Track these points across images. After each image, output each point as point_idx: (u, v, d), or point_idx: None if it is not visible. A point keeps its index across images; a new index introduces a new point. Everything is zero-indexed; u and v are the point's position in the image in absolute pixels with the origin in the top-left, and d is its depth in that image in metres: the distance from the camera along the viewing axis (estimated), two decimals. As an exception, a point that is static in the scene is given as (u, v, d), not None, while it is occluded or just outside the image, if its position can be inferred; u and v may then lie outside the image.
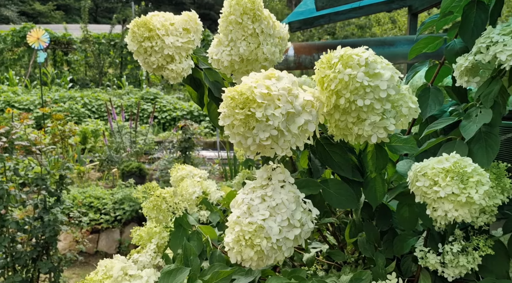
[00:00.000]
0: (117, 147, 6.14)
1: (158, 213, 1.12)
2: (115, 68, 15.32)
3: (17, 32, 14.18)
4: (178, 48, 1.10)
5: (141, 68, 14.42)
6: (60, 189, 2.68)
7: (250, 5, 0.89)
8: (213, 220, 1.34)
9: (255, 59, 0.96)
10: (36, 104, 9.04)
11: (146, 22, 1.06)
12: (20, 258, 2.42)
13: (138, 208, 3.97)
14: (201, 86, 1.22)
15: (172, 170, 1.53)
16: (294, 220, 0.63)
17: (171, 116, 9.41)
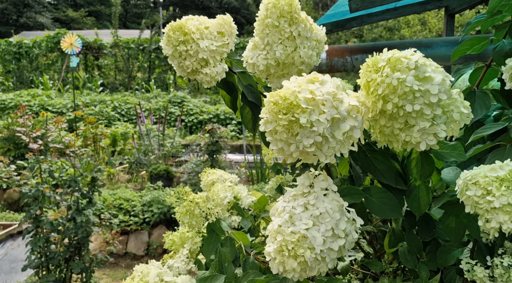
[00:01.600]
0: (146, 149, 6.25)
1: (191, 218, 1.11)
2: (143, 72, 15.66)
3: (51, 38, 14.73)
4: (213, 51, 1.09)
5: (169, 72, 14.70)
6: (92, 191, 2.73)
7: (287, 7, 0.87)
8: (244, 226, 1.32)
9: (291, 62, 0.94)
10: (68, 108, 9.33)
11: (181, 26, 1.06)
12: (54, 258, 2.48)
13: (166, 211, 4.01)
14: (234, 90, 1.21)
15: (202, 174, 1.52)
16: (338, 230, 0.61)
17: (198, 119, 9.51)
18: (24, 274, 3.38)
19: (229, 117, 9.61)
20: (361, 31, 19.49)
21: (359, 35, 19.51)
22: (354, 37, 18.80)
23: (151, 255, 3.90)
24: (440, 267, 0.89)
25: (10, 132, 5.79)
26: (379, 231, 1.13)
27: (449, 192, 0.83)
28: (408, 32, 17.88)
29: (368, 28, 19.18)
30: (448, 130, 0.64)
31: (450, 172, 0.85)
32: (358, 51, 1.83)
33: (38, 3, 33.65)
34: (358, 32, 19.44)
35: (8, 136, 5.77)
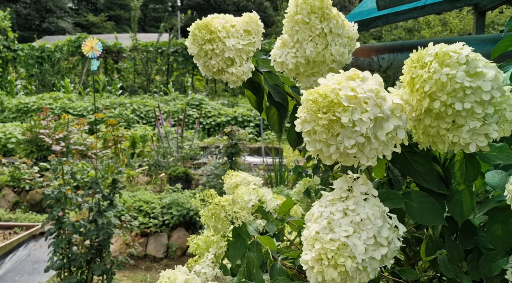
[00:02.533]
0: (164, 152, 6.28)
1: (216, 221, 1.09)
2: (161, 75, 15.82)
3: (72, 42, 15.02)
4: (239, 50, 1.06)
5: (187, 75, 14.81)
6: (113, 193, 2.74)
7: (319, 3, 0.83)
8: (269, 230, 1.29)
9: (322, 61, 0.90)
10: (88, 110, 9.48)
11: (207, 24, 1.03)
12: (75, 260, 2.49)
13: (186, 213, 4.01)
14: (260, 90, 1.18)
15: (225, 176, 1.49)
16: (381, 238, 0.57)
17: (216, 122, 9.52)
18: (46, 275, 3.42)
19: (247, 120, 9.59)
20: (380, 33, 19.25)
21: (377, 36, 19.26)
22: (373, 38, 18.58)
23: (170, 257, 3.90)
24: (482, 278, 0.83)
25: (33, 135, 5.90)
26: (412, 237, 1.08)
27: (494, 197, 0.78)
28: (428, 33, 17.58)
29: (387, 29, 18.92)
30: (499, 130, 0.59)
31: (494, 175, 0.80)
32: (385, 51, 1.78)
33: (59, 8, 34.45)
34: (377, 34, 19.20)
35: (31, 138, 5.89)
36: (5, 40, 14.65)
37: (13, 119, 9.27)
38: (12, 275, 3.44)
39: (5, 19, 14.58)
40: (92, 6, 40.82)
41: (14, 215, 4.69)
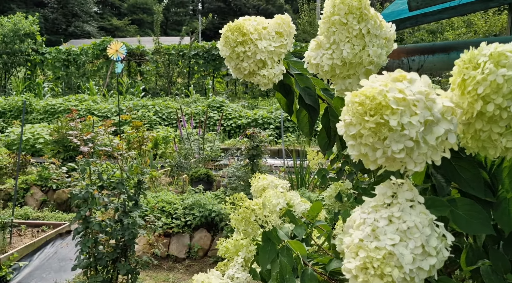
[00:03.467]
0: (186, 153, 6.33)
1: (247, 225, 1.07)
2: (183, 77, 16.00)
3: (97, 46, 15.37)
4: (271, 52, 1.05)
5: (207, 77, 14.91)
6: (138, 193, 2.77)
7: (357, 3, 0.81)
8: (298, 234, 1.27)
9: (359, 62, 0.88)
10: (112, 112, 9.66)
11: (239, 26, 1.03)
12: (101, 259, 2.52)
13: (207, 214, 4.02)
14: (290, 92, 1.17)
15: (252, 179, 1.48)
16: (429, 247, 0.54)
17: (236, 124, 9.55)
18: (72, 273, 3.49)
19: (267, 122, 9.58)
20: (402, 35, 18.94)
21: (399, 39, 18.94)
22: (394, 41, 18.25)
23: (192, 258, 3.91)
24: (529, 290, 0.79)
25: (60, 135, 6.05)
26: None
27: (544, 205, 0.73)
28: (451, 35, 17.18)
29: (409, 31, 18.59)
30: (557, 135, 0.55)
31: (544, 183, 0.76)
32: (415, 52, 1.73)
33: (85, 13, 35.35)
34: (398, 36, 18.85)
35: (58, 139, 6.03)
36: (33, 44, 15.11)
37: (41, 120, 9.54)
38: (40, 272, 3.52)
39: (33, 23, 15.04)
40: (116, 11, 41.71)
41: (41, 214, 4.81)
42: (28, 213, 4.73)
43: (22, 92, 13.14)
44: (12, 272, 3.38)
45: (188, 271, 3.69)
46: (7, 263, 3.38)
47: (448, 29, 17.50)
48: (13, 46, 14.28)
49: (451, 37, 17.24)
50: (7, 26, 14.27)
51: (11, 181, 5.51)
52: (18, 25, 14.40)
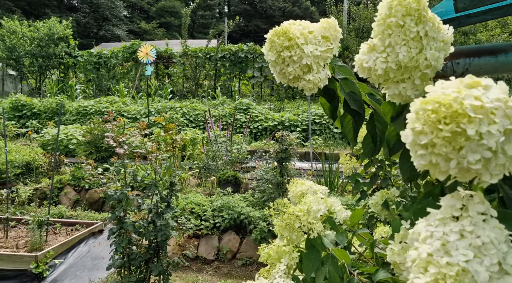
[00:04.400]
0: (214, 155, 6.37)
1: (291, 232, 1.06)
2: (209, 79, 16.15)
3: (127, 49, 15.73)
4: (317, 57, 1.03)
5: (234, 80, 14.98)
6: (170, 195, 2.79)
7: (415, 5, 0.78)
8: (340, 242, 1.24)
9: (415, 66, 0.85)
10: (141, 114, 9.84)
11: (286, 30, 1.01)
12: (135, 259, 2.56)
13: (236, 217, 4.02)
14: (335, 97, 1.14)
15: (290, 185, 1.46)
16: (506, 265, 0.51)
17: (263, 126, 9.54)
18: (105, 272, 3.57)
19: (293, 125, 9.53)
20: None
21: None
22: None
23: (221, 260, 3.92)
24: None
25: (92, 136, 6.21)
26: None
27: None
28: (485, 36, 16.62)
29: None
30: None
31: None
32: (460, 55, 1.67)
33: (115, 17, 36.30)
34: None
35: (91, 140, 6.19)
36: (67, 47, 15.63)
37: (73, 121, 9.83)
38: (74, 270, 3.62)
39: (67, 27, 15.55)
40: (145, 14, 42.61)
41: (75, 213, 4.94)
42: (62, 212, 4.87)
43: (56, 94, 13.59)
44: (48, 269, 3.49)
45: (216, 273, 3.70)
46: (44, 260, 3.48)
47: (481, 29, 16.94)
48: (48, 49, 14.80)
49: (484, 38, 16.69)
50: (43, 31, 14.82)
51: (46, 180, 5.69)
52: (52, 29, 14.93)
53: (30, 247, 3.70)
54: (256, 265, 3.86)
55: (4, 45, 14.58)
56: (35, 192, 5.40)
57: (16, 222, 4.41)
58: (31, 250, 3.67)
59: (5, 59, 14.90)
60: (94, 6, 35.17)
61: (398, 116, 1.03)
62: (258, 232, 3.86)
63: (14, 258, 3.44)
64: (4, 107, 7.23)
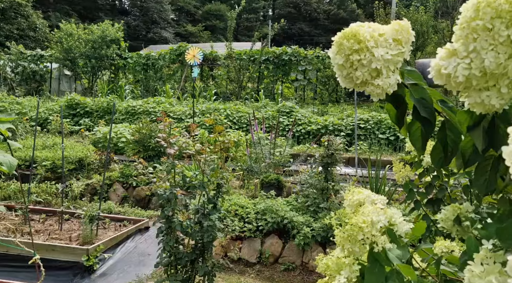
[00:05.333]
0: (256, 157, 6.38)
1: (353, 244, 1.02)
2: (252, 82, 16.26)
3: (174, 51, 16.19)
4: (387, 61, 0.99)
5: (278, 82, 14.97)
6: (217, 196, 2.81)
7: (508, 6, 0.72)
8: (401, 257, 1.18)
9: (502, 73, 0.78)
10: (186, 114, 10.07)
11: (355, 33, 0.98)
12: (181, 259, 2.60)
13: (279, 221, 3.99)
14: (403, 103, 1.09)
15: (346, 193, 1.41)
16: None
17: (306, 130, 9.46)
18: (150, 268, 3.66)
19: (337, 129, 9.37)
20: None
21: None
22: None
23: (263, 263, 3.91)
24: None
25: (140, 136, 6.42)
26: None
27: None
28: None
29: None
30: None
31: None
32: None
33: (163, 20, 37.52)
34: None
35: (139, 139, 6.41)
36: (117, 49, 16.32)
37: (122, 120, 10.23)
38: (122, 264, 3.74)
39: (119, 30, 16.25)
40: (191, 17, 43.67)
41: (122, 209, 5.13)
42: (111, 207, 5.07)
43: (107, 94, 14.22)
44: (98, 262, 3.63)
45: (259, 277, 3.69)
46: (94, 253, 3.63)
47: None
48: (100, 51, 15.54)
49: None
50: (96, 33, 15.58)
51: (97, 177, 5.95)
52: (105, 32, 15.65)
53: (82, 240, 3.87)
54: (299, 271, 3.81)
55: (62, 47, 15.47)
56: (86, 187, 5.66)
57: (70, 215, 4.63)
58: (82, 243, 3.84)
59: (62, 60, 15.80)
60: (144, 10, 36.55)
61: (476, 126, 0.96)
62: (302, 238, 3.81)
63: (68, 250, 3.62)
64: (61, 105, 7.64)
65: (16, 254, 3.50)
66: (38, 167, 5.89)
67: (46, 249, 3.59)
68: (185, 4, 42.78)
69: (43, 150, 6.65)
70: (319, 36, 38.23)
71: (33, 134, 8.46)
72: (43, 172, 5.88)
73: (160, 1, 36.72)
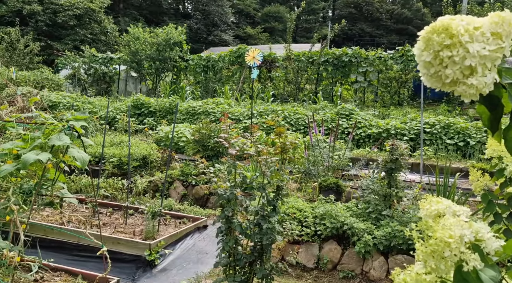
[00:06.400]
0: (314, 160, 6.26)
1: (438, 261, 0.92)
2: (310, 84, 16.07)
3: (233, 53, 16.47)
4: (483, 57, 0.88)
5: (337, 84, 14.65)
6: (277, 199, 2.77)
7: None
8: (495, 279, 1.05)
9: None
10: (244, 115, 10.17)
11: (447, 26, 0.88)
12: (240, 260, 2.59)
13: (339, 227, 3.86)
14: (498, 106, 0.97)
15: (422, 202, 1.29)
16: None
17: (366, 133, 9.14)
18: (208, 267, 3.71)
19: (400, 133, 8.94)
20: None
21: None
22: None
23: (320, 269, 3.80)
24: None
25: (200, 135, 6.57)
26: None
27: None
28: None
29: None
30: None
31: None
32: None
33: (224, 22, 38.40)
34: None
35: (199, 139, 6.56)
36: (180, 52, 16.96)
37: (183, 120, 10.57)
38: (181, 261, 3.84)
39: (182, 33, 16.88)
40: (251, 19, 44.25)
41: (182, 206, 5.27)
42: (171, 204, 5.23)
43: (169, 95, 14.79)
44: (159, 257, 3.75)
45: (316, 283, 3.60)
46: (156, 249, 3.75)
47: None
48: (164, 53, 16.23)
49: None
50: (161, 36, 16.30)
51: (159, 174, 6.18)
52: (169, 35, 16.33)
53: (145, 235, 4.02)
54: (358, 280, 3.66)
55: (129, 49, 16.37)
56: (149, 184, 5.89)
57: (134, 210, 4.85)
58: (145, 238, 3.99)
59: (129, 62, 16.73)
60: (206, 13, 37.66)
61: None
62: (362, 245, 3.66)
63: (131, 244, 3.77)
64: (129, 105, 8.05)
65: (85, 245, 3.71)
66: (106, 163, 6.24)
67: (112, 241, 3.77)
68: (245, 7, 43.43)
69: (110, 147, 7.04)
70: (381, 37, 36.93)
71: (102, 131, 9.02)
72: (110, 168, 6.22)
73: (221, 5, 37.61)
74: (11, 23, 22.10)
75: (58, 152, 2.67)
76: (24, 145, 2.59)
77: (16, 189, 2.75)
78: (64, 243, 3.85)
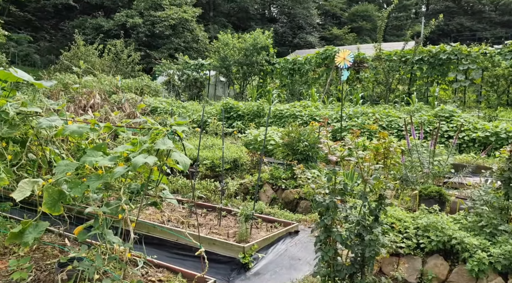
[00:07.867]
0: (412, 166, 5.82)
1: None
2: (402, 84, 15.14)
3: (320, 55, 16.23)
4: None
5: (434, 84, 13.59)
6: (379, 208, 2.58)
7: None
8: None
9: None
10: (333, 118, 9.90)
11: None
12: (340, 271, 2.45)
13: (446, 241, 3.50)
14: None
15: None
16: None
17: (470, 137, 8.29)
18: (301, 273, 3.62)
19: (511, 136, 7.94)
20: None
21: None
22: None
23: (424, 287, 3.48)
24: None
25: (289, 139, 6.51)
26: None
27: None
28: None
29: None
30: None
31: None
32: None
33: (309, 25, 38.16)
34: None
35: (288, 143, 6.51)
36: (266, 55, 17.21)
37: (271, 123, 10.65)
38: (273, 266, 3.80)
39: (268, 37, 17.12)
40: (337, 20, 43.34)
41: (272, 210, 5.26)
42: (262, 208, 5.24)
43: (256, 98, 15.07)
44: (252, 261, 3.75)
45: (419, 301, 3.29)
46: (249, 252, 3.76)
47: None
48: (251, 58, 16.61)
49: None
50: (249, 41, 16.71)
51: (249, 177, 6.26)
52: (256, 39, 16.67)
53: (238, 238, 4.07)
54: (470, 302, 3.27)
55: (219, 55, 17.07)
56: (240, 187, 6.00)
57: (226, 212, 4.95)
58: (239, 240, 4.03)
59: (219, 68, 17.44)
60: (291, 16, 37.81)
61: None
62: (476, 263, 3.26)
63: (226, 246, 3.84)
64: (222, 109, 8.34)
65: (184, 244, 3.87)
66: (199, 165, 6.51)
67: (207, 242, 3.88)
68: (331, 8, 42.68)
69: (203, 150, 7.34)
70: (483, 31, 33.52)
71: (194, 134, 9.47)
72: (204, 170, 6.46)
73: (307, 7, 37.42)
74: (116, 36, 24.54)
75: (162, 155, 2.80)
76: (133, 148, 2.76)
77: (126, 189, 2.94)
78: (164, 241, 4.06)
